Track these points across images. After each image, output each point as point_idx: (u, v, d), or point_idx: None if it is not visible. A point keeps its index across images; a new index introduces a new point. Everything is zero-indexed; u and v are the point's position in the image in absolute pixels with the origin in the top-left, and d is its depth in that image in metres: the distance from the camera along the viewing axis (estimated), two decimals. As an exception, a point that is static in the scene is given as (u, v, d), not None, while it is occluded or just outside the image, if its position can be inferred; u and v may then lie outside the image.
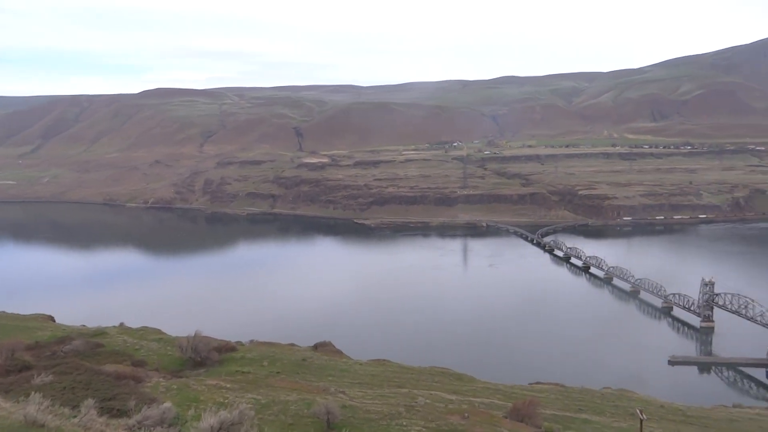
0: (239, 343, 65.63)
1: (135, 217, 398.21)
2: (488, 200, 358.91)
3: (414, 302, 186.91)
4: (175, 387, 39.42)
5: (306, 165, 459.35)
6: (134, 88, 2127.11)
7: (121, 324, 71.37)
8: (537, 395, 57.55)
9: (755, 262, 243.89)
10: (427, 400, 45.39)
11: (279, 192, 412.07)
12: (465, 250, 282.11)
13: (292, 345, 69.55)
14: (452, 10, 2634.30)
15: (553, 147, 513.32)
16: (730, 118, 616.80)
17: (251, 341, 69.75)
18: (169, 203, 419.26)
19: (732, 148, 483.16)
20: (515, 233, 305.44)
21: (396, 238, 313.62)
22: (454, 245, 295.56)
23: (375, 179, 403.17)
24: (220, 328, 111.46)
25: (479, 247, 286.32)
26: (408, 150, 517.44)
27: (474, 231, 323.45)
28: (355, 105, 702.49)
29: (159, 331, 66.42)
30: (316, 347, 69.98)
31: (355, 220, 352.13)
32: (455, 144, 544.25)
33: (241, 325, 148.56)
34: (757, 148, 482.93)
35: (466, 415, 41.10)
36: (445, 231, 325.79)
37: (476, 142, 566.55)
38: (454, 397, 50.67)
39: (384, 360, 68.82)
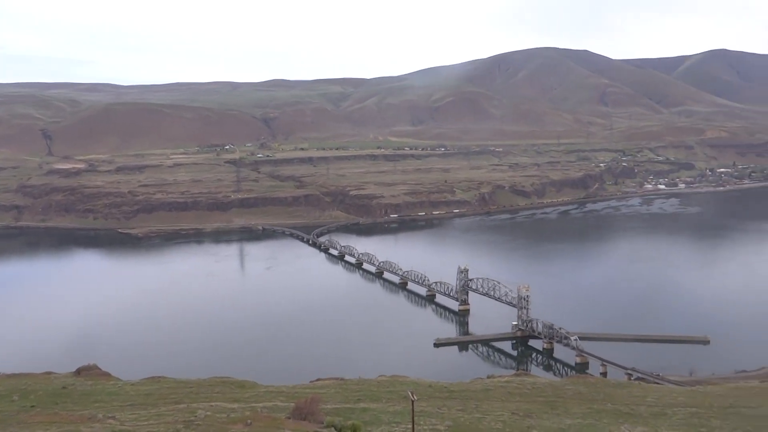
0: (-20, 379, 56.87)
1: None
2: (263, 203, 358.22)
3: (189, 313, 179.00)
4: None
5: (58, 171, 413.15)
6: None
7: None
8: (318, 392, 59.37)
9: (499, 248, 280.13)
10: (208, 413, 44.16)
11: (25, 202, 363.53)
12: (241, 255, 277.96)
13: (49, 373, 62.45)
14: (218, 11, 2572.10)
15: (324, 149, 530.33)
16: (475, 123, 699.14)
17: (-4, 375, 60.99)
18: None
19: (477, 149, 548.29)
20: (291, 235, 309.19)
21: (167, 246, 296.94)
22: (230, 250, 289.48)
23: (141, 185, 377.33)
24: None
25: (256, 250, 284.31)
26: (177, 154, 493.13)
27: (250, 235, 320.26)
28: (115, 106, 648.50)
29: None
30: (78, 372, 63.63)
31: (119, 230, 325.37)
32: (227, 147, 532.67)
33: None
34: (497, 149, 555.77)
35: (249, 422, 40.88)
36: (220, 236, 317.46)
37: (249, 145, 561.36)
38: (236, 406, 50.02)
39: (159, 377, 65.16)
